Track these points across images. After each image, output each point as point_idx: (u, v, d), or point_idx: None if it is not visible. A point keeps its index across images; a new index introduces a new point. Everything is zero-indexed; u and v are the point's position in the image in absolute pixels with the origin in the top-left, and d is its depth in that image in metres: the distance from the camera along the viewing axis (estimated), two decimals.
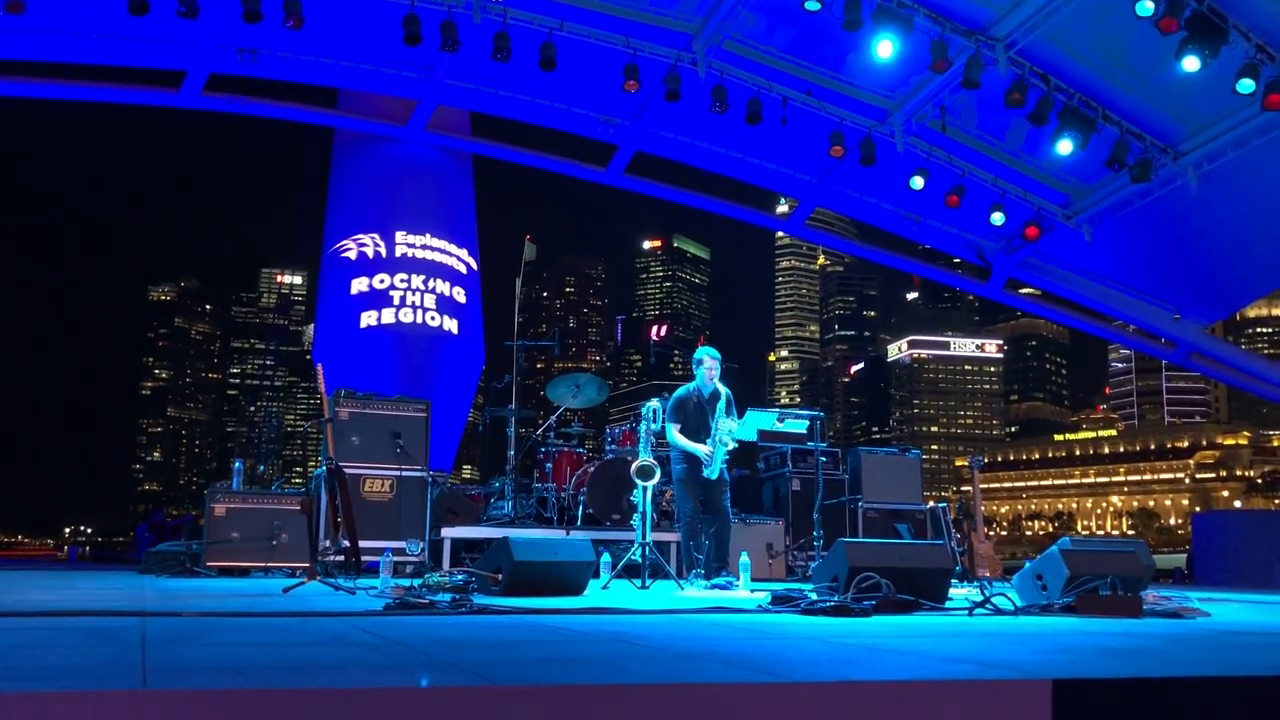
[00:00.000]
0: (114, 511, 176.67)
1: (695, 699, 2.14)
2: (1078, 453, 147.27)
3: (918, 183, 11.88)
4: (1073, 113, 10.62)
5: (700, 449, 7.67)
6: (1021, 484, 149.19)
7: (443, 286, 12.94)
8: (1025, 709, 2.28)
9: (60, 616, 3.83)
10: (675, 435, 7.78)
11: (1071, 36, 10.30)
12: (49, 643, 2.90)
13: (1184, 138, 11.19)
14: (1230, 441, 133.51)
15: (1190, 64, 9.26)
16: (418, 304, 12.65)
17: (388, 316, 12.52)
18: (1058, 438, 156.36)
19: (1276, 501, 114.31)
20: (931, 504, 11.04)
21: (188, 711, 1.87)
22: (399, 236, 12.84)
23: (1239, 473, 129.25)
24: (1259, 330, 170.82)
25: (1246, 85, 9.40)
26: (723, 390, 7.85)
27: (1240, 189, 11.20)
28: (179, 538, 12.68)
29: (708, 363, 7.86)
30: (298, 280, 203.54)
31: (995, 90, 10.46)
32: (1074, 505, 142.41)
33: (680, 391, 8.00)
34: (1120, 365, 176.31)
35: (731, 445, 7.75)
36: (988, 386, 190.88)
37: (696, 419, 7.80)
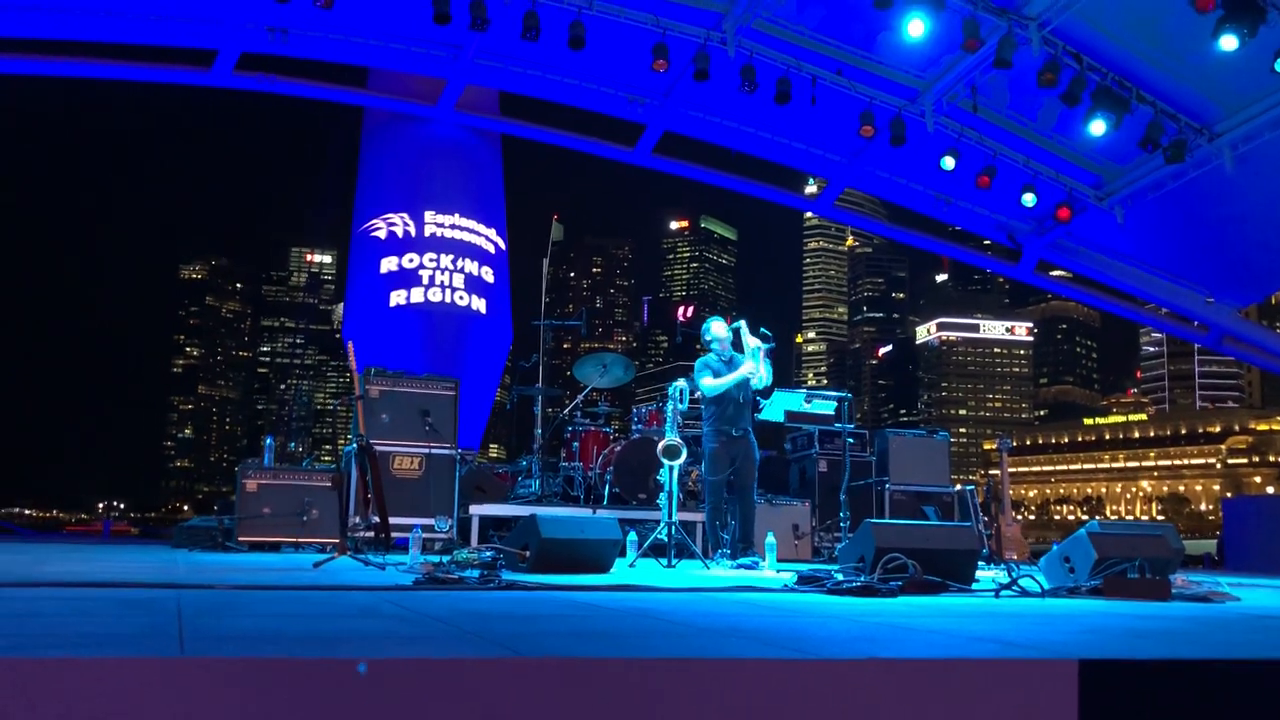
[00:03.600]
0: (146, 488, 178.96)
1: (719, 673, 2.17)
2: (1107, 437, 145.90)
3: (948, 163, 11.78)
4: (1106, 93, 10.49)
5: (741, 370, 7.80)
6: (1050, 468, 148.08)
7: (471, 266, 12.99)
8: (1052, 688, 2.28)
9: (99, 588, 3.91)
10: (711, 382, 7.90)
11: (1105, 15, 10.16)
12: (89, 612, 2.96)
13: (1220, 118, 11.02)
14: (1264, 427, 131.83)
15: (1228, 43, 9.10)
16: (446, 283, 12.70)
17: (416, 296, 12.59)
18: (1087, 421, 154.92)
19: None
20: (959, 487, 11.00)
21: (224, 678, 1.91)
22: (428, 216, 12.90)
23: (1272, 458, 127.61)
24: None
25: None
26: (744, 338, 7.97)
27: (1277, 170, 11.04)
28: None
29: (714, 328, 8.10)
30: (327, 259, 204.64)
31: (1027, 70, 10.35)
32: (1103, 490, 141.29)
33: (704, 358, 8.17)
34: (1152, 349, 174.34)
35: (769, 346, 7.87)
36: (1017, 369, 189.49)
37: (726, 371, 7.95)
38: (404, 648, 2.31)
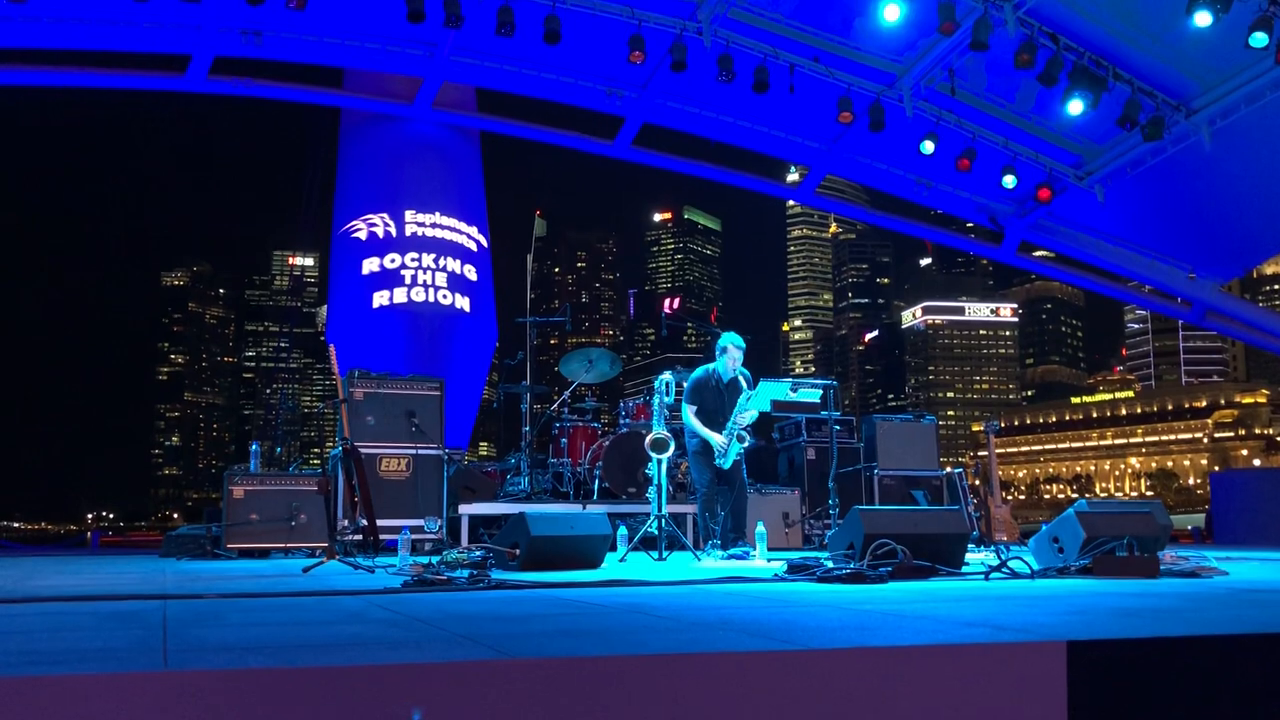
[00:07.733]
0: (135, 497, 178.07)
1: (711, 668, 2.16)
2: (1095, 415, 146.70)
3: (928, 147, 11.78)
4: (1083, 72, 10.50)
5: (715, 439, 7.64)
6: (1039, 447, 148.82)
7: (454, 264, 12.94)
8: (1041, 671, 2.28)
9: (84, 601, 3.88)
10: (692, 418, 7.75)
11: None
12: (72, 626, 2.93)
13: (1196, 94, 11.05)
14: (1249, 400, 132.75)
15: (1202, 19, 9.13)
16: (429, 283, 12.65)
17: (399, 296, 12.53)
18: (1074, 400, 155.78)
19: None
20: (948, 470, 11.03)
21: (209, 691, 1.89)
22: (408, 215, 12.83)
23: (1258, 431, 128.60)
24: (1276, 287, 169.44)
25: (1259, 39, 9.25)
26: (742, 380, 7.77)
27: (1254, 144, 11.08)
28: None
29: (732, 351, 7.79)
30: (309, 262, 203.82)
31: (1004, 51, 10.35)
32: (1092, 468, 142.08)
33: (699, 372, 7.98)
34: (1136, 326, 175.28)
35: (747, 443, 7.71)
36: (1003, 351, 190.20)
37: (714, 402, 7.78)
38: (393, 653, 2.30)
